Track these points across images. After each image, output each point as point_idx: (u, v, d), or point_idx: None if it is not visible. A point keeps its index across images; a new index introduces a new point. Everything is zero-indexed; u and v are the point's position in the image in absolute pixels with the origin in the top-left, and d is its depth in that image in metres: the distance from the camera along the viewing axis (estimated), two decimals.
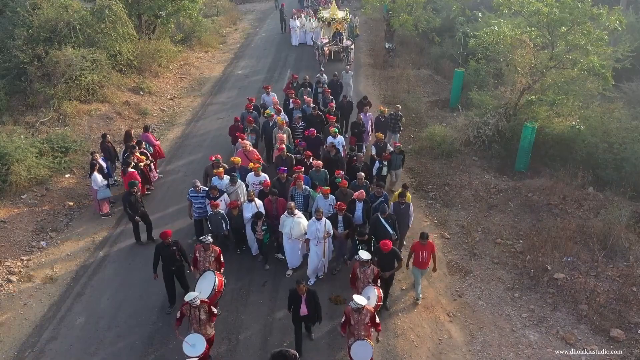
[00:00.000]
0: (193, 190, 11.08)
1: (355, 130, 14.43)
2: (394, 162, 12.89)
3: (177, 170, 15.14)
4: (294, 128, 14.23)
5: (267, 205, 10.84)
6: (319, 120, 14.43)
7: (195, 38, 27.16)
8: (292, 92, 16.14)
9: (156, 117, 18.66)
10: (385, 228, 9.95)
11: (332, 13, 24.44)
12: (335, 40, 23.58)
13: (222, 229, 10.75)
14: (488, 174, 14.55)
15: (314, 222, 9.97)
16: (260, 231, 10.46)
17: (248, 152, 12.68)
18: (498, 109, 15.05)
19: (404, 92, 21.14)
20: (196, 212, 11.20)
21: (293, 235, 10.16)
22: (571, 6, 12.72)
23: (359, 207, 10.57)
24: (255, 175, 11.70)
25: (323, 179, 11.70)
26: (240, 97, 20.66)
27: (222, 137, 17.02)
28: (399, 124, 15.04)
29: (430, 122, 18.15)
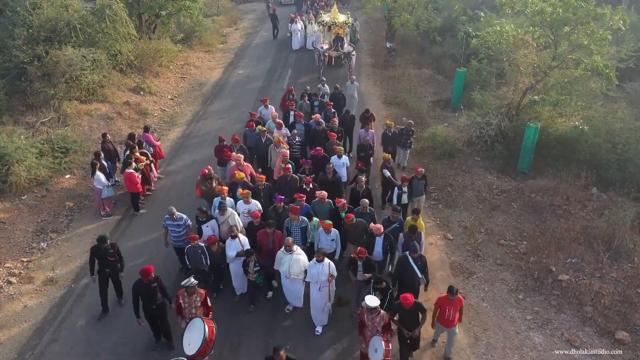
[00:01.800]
0: (169, 218, 9.98)
1: (361, 153, 13.21)
2: (415, 189, 11.50)
3: (177, 171, 15.07)
4: (290, 144, 13.12)
5: (261, 239, 9.47)
6: (323, 136, 13.36)
7: (196, 38, 27.08)
8: (292, 103, 15.07)
9: (157, 117, 18.58)
10: (413, 271, 8.74)
11: (332, 17, 23.71)
12: (336, 45, 22.73)
13: (202, 264, 9.60)
14: (490, 175, 14.47)
15: (314, 264, 8.71)
16: (253, 272, 9.14)
17: (242, 167, 11.64)
18: (500, 109, 14.98)
19: (405, 92, 21.06)
20: (173, 240, 10.14)
21: (292, 274, 8.96)
22: (575, 6, 12.65)
23: (379, 243, 9.40)
24: (245, 203, 10.34)
25: (327, 211, 10.31)
26: (240, 97, 20.62)
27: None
28: (410, 139, 14.09)
29: (432, 122, 18.06)
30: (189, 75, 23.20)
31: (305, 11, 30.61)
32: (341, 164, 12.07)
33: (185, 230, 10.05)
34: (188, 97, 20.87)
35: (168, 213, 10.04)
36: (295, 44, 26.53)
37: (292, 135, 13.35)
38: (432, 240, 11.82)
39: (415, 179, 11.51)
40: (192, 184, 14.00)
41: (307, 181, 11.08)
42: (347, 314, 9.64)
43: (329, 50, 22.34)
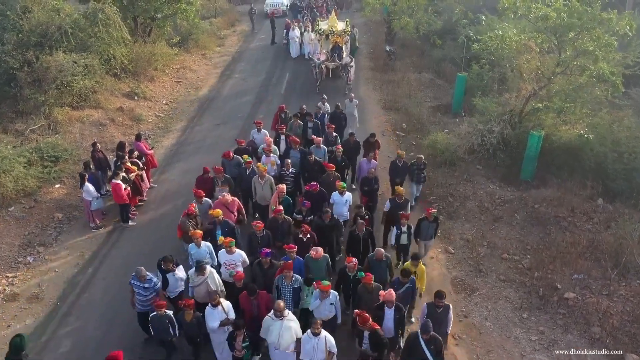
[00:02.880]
0: (135, 277, 8.48)
1: (365, 187, 11.58)
2: (424, 231, 10.10)
3: (171, 180, 14.66)
4: (282, 176, 11.57)
5: (244, 303, 8.04)
6: (316, 168, 11.85)
7: (193, 40, 26.68)
8: (283, 126, 13.49)
9: (151, 124, 18.17)
10: (424, 355, 7.12)
11: (330, 25, 22.05)
12: (334, 55, 21.04)
13: (169, 334, 8.09)
14: (493, 184, 14.06)
15: (309, 338, 7.18)
16: (241, 348, 7.48)
17: (229, 204, 10.24)
18: (503, 116, 14.57)
19: (405, 96, 20.66)
20: (139, 303, 8.57)
21: (282, 345, 7.40)
22: (580, 11, 12.23)
23: (389, 316, 7.65)
24: (228, 253, 8.83)
25: (323, 268, 8.83)
26: (237, 103, 20.19)
27: (218, 145, 16.55)
28: (423, 173, 12.68)
29: (432, 129, 17.65)
30: (185, 79, 22.79)
31: (302, 18, 29.69)
32: (343, 202, 10.63)
33: (152, 294, 8.51)
34: (184, 102, 20.45)
35: (135, 272, 8.48)
36: (294, 51, 25.48)
37: (286, 165, 11.67)
38: (432, 254, 11.41)
39: (425, 221, 10.12)
40: (186, 194, 13.64)
41: (305, 231, 9.28)
42: None
43: (326, 62, 20.81)
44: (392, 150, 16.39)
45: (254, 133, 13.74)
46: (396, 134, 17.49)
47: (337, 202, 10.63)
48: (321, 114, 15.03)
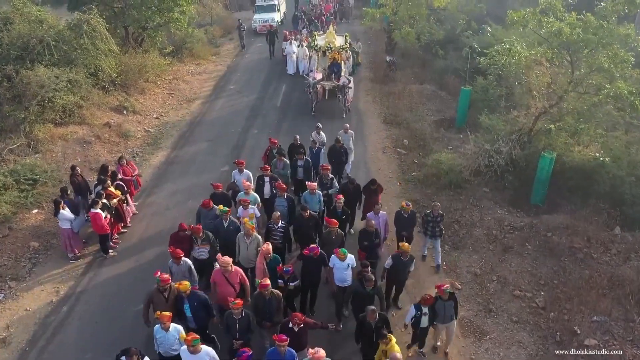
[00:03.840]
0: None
1: (364, 242, 9.78)
2: (440, 312, 8.31)
3: (158, 203, 13.76)
4: (269, 230, 9.74)
5: None
6: (312, 224, 9.97)
7: (187, 50, 25.84)
8: (267, 168, 11.64)
9: (139, 140, 17.28)
10: None
11: (328, 40, 20.34)
12: (331, 74, 19.30)
13: None
14: (501, 209, 13.16)
15: None
16: None
17: (229, 274, 8.28)
18: (511, 136, 13.68)
19: (407, 109, 19.80)
20: None
21: None
22: (595, 26, 11.37)
23: None
24: (192, 353, 6.94)
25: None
26: (230, 118, 19.28)
27: (209, 164, 15.74)
28: (440, 226, 10.66)
29: (436, 146, 16.77)
30: (177, 91, 21.92)
31: (301, 29, 27.67)
32: (345, 267, 8.86)
33: None
34: (175, 116, 19.57)
35: None
36: (291, 67, 23.47)
37: (274, 218, 9.72)
38: None
39: (439, 300, 8.30)
40: (173, 219, 12.77)
41: (298, 320, 7.41)
42: None
43: (322, 82, 18.82)
44: (393, 168, 15.56)
45: (235, 174, 11.91)
46: (397, 151, 16.60)
47: (338, 266, 8.89)
48: (316, 148, 13.16)
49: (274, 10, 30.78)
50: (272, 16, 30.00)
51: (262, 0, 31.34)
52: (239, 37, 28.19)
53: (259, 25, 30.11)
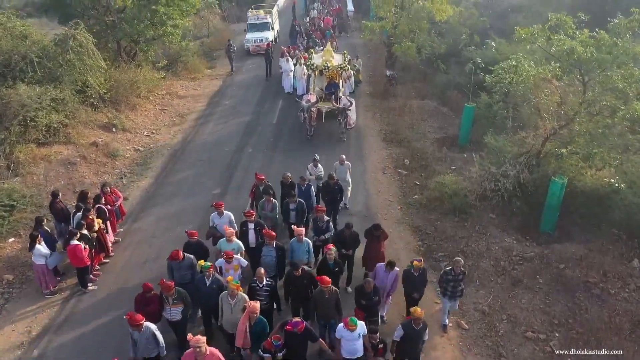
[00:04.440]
0: None
1: (362, 300, 8.58)
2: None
3: (144, 230, 12.95)
4: (252, 290, 8.49)
5: None
6: (307, 281, 8.73)
7: (181, 63, 25.17)
8: (251, 214, 10.11)
9: (128, 159, 16.50)
10: None
11: (325, 59, 18.92)
12: (328, 94, 17.99)
13: None
14: (509, 237, 12.34)
15: None
16: None
17: (203, 357, 6.89)
18: (518, 158, 12.92)
19: (407, 127, 19.07)
20: None
21: None
22: (609, 44, 10.64)
23: None
24: None
25: None
26: (224, 135, 18.52)
27: (201, 186, 14.94)
28: (461, 285, 9.25)
29: (438, 166, 16.02)
30: (170, 106, 21.20)
31: (299, 45, 26.63)
32: (355, 337, 7.63)
33: None
34: (167, 133, 18.81)
35: None
36: (287, 85, 22.20)
37: (257, 276, 8.46)
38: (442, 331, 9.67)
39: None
40: (159, 248, 12.00)
41: None
42: None
43: (317, 104, 17.23)
44: (394, 191, 14.77)
45: (214, 217, 10.50)
46: (398, 172, 15.82)
47: (347, 338, 7.65)
48: (305, 185, 11.66)
49: (267, 28, 28.93)
50: (265, 35, 28.13)
51: (255, 18, 29.47)
52: (228, 58, 25.56)
53: (252, 45, 28.21)
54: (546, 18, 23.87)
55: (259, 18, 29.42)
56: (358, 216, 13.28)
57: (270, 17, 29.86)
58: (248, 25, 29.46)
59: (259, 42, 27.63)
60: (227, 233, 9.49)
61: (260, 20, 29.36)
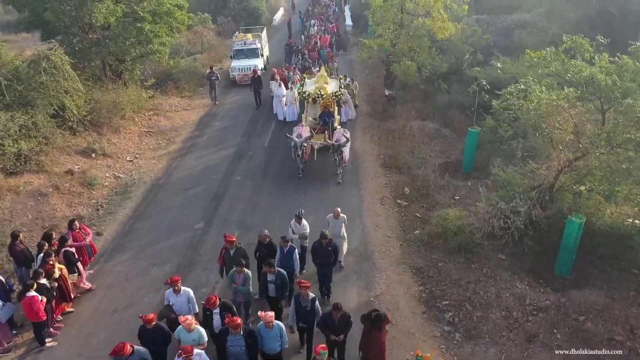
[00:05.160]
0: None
1: None
2: None
3: (116, 272, 11.72)
4: None
5: None
6: None
7: (171, 81, 24.11)
8: (213, 299, 8.18)
9: (107, 188, 15.31)
10: None
11: (319, 85, 17.23)
12: (322, 124, 16.70)
13: None
14: (521, 282, 11.10)
15: None
16: None
17: None
18: (530, 193, 11.71)
19: (407, 150, 17.92)
20: None
21: None
22: (633, 70, 9.51)
23: None
24: None
25: None
26: (213, 161, 17.35)
27: (183, 219, 13.78)
28: None
29: (441, 196, 14.85)
30: (157, 128, 20.07)
31: (294, 65, 24.68)
32: None
33: None
34: (151, 158, 17.65)
35: None
36: (279, 112, 20.44)
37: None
38: None
39: None
40: (132, 294, 10.81)
41: None
42: None
43: (309, 140, 15.40)
44: (393, 225, 13.57)
45: (170, 296, 8.75)
46: (397, 203, 14.63)
47: None
48: (288, 247, 9.75)
49: (256, 55, 25.67)
50: (254, 63, 24.68)
51: (242, 44, 26.04)
52: (210, 87, 22.55)
53: (238, 74, 25.02)
54: (552, 34, 23.31)
55: (247, 43, 26.11)
56: (354, 255, 12.12)
57: (260, 41, 26.83)
58: (234, 51, 26.06)
59: (246, 72, 24.52)
60: (185, 324, 7.70)
61: (248, 45, 26.03)
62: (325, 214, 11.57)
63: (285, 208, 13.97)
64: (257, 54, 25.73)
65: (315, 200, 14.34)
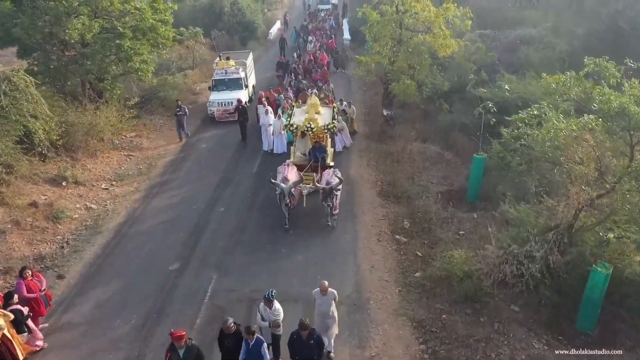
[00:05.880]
0: None
1: None
2: None
3: (75, 324, 10.27)
4: None
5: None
6: None
7: (157, 99, 22.78)
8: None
9: (75, 222, 13.89)
10: None
11: (309, 116, 14.90)
12: (313, 159, 14.72)
13: None
14: (538, 340, 9.63)
15: None
16: None
17: None
18: (547, 235, 10.28)
19: (407, 177, 16.53)
20: None
21: None
22: None
23: None
24: None
25: None
26: (196, 188, 15.96)
27: (157, 258, 12.41)
28: None
29: (444, 231, 13.45)
30: (138, 151, 18.71)
31: (287, 87, 21.90)
32: None
33: None
34: (129, 185, 16.26)
35: None
36: (265, 143, 18.20)
37: None
38: None
39: None
40: (88, 355, 9.33)
41: None
42: None
43: (298, 185, 13.18)
44: (391, 266, 12.14)
45: None
46: (395, 239, 13.20)
47: None
48: (253, 341, 7.76)
49: (239, 86, 21.81)
50: (236, 96, 20.70)
51: (222, 73, 22.04)
52: (177, 124, 19.50)
53: (217, 109, 20.97)
54: (560, 51, 22.01)
55: (228, 72, 22.10)
56: (346, 304, 10.68)
57: (244, 69, 22.91)
58: (213, 81, 22.15)
59: (227, 106, 20.80)
60: None
61: (229, 75, 22.01)
62: (315, 253, 10.15)
63: (272, 246, 12.60)
64: (240, 84, 22.01)
65: (305, 237, 12.94)
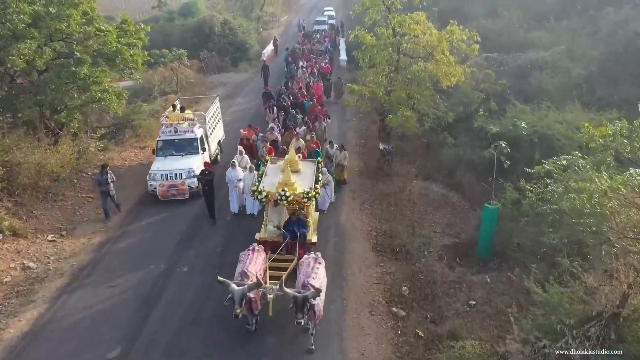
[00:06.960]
0: None
1: None
2: None
3: None
4: None
5: None
6: None
7: (130, 130, 20.58)
8: None
9: (6, 286, 11.51)
10: None
11: (284, 179, 11.49)
12: (293, 242, 11.24)
13: None
14: None
15: None
16: None
17: None
18: (586, 327, 7.87)
19: (406, 225, 14.26)
20: None
21: None
22: None
23: None
24: None
25: None
26: (157, 241, 13.53)
27: (95, 338, 10.02)
28: None
29: (451, 300, 11.08)
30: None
31: (273, 126, 17.95)
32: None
33: None
34: (82, 235, 13.91)
35: None
36: (234, 204, 14.48)
37: None
38: None
39: None
40: None
41: None
42: None
43: (256, 288, 8.94)
44: (385, 353, 9.74)
45: None
46: (391, 313, 10.78)
47: None
48: None
49: (194, 150, 15.87)
50: (188, 164, 15.38)
51: (172, 131, 16.03)
52: (101, 197, 14.63)
53: (160, 183, 15.08)
54: (576, 76, 19.81)
55: (179, 131, 16.09)
56: None
57: (204, 124, 16.96)
58: (158, 142, 16.13)
59: (174, 180, 15.10)
60: None
61: (180, 134, 16.04)
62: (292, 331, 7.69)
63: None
64: (196, 147, 15.92)
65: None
